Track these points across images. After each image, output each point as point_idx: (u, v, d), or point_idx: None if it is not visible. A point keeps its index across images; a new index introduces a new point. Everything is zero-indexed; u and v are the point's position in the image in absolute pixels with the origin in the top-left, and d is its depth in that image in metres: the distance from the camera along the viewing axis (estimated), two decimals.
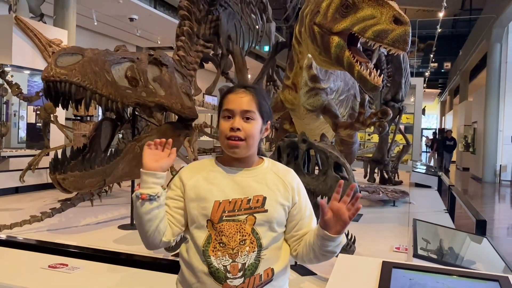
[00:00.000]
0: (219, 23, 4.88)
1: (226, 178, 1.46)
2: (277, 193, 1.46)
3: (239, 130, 1.43)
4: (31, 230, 3.60)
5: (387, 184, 6.89)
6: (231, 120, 1.45)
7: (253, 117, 1.46)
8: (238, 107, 1.45)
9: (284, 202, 1.46)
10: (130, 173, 3.41)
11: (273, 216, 1.43)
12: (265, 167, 1.52)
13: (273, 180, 1.48)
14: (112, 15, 12.35)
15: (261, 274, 1.40)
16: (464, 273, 1.87)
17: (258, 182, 1.46)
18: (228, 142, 1.43)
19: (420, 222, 3.09)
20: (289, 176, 1.53)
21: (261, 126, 1.49)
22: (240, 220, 1.40)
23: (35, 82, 8.16)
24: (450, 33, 26.45)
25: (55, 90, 2.74)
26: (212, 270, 1.38)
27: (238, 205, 1.41)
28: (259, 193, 1.44)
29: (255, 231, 1.41)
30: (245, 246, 1.39)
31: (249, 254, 1.39)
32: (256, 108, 1.46)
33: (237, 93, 1.48)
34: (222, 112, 1.47)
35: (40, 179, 5.68)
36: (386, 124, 3.01)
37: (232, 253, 1.38)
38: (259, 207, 1.42)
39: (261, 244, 1.40)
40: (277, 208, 1.44)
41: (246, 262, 1.38)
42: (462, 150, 21.45)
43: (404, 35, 2.31)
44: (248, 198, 1.42)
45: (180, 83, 3.63)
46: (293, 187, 1.51)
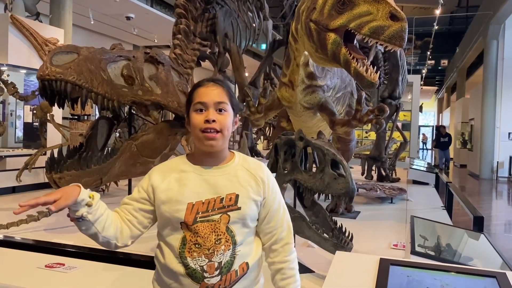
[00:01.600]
0: (215, 21, 4.87)
1: (197, 178, 1.45)
2: (249, 189, 1.46)
3: (214, 122, 1.42)
4: (28, 230, 3.59)
5: (385, 181, 6.89)
6: (204, 113, 1.44)
7: (226, 109, 1.46)
8: (211, 99, 1.44)
9: (256, 198, 1.47)
10: (126, 171, 3.40)
11: (246, 213, 1.44)
12: (236, 164, 1.51)
13: (245, 177, 1.48)
14: (108, 13, 12.31)
15: (236, 270, 1.42)
16: (461, 269, 1.87)
17: (229, 180, 1.46)
18: (205, 135, 1.42)
19: (417, 219, 3.09)
20: (260, 170, 1.53)
21: (233, 118, 1.50)
22: (214, 220, 1.41)
23: (31, 81, 8.14)
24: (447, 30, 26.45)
25: (50, 89, 2.73)
26: (189, 271, 1.39)
27: (212, 205, 1.41)
28: (231, 191, 1.44)
29: (229, 229, 1.42)
30: (220, 245, 1.40)
31: (224, 253, 1.40)
32: (228, 100, 1.47)
33: (207, 86, 1.48)
34: (194, 106, 1.46)
35: (36, 178, 5.66)
36: (383, 121, 3.00)
37: (208, 253, 1.39)
38: (232, 205, 1.42)
39: (235, 241, 1.42)
40: (250, 205, 1.45)
41: (222, 261, 1.40)
42: (459, 147, 21.50)
43: (400, 32, 2.31)
44: (221, 197, 1.43)
45: (176, 81, 3.62)
46: (264, 181, 1.51)
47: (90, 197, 1.38)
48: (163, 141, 3.49)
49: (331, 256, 2.51)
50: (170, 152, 3.68)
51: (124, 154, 3.26)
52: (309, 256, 3.02)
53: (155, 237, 1.50)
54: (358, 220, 4.35)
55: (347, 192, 2.36)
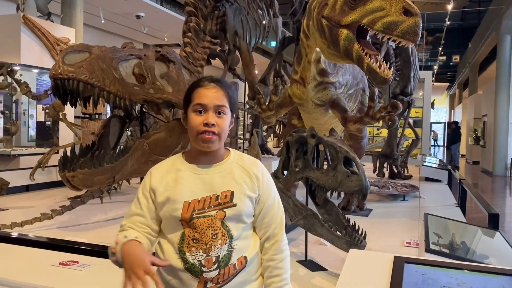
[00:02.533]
0: (225, 19, 4.86)
1: (193, 177, 1.47)
2: (244, 186, 1.48)
3: (213, 126, 1.43)
4: (41, 228, 3.63)
5: (397, 179, 6.84)
6: (203, 114, 1.44)
7: (225, 112, 1.47)
8: (211, 102, 1.44)
9: (251, 194, 1.49)
10: (139, 170, 3.42)
11: (242, 209, 1.46)
12: (231, 161, 1.52)
13: (240, 174, 1.50)
14: (119, 13, 12.38)
15: (234, 264, 1.44)
16: (477, 267, 1.84)
17: (224, 177, 1.48)
18: (202, 136, 1.43)
19: (431, 217, 3.06)
20: (254, 167, 1.54)
21: (230, 120, 1.51)
22: (211, 215, 1.43)
23: (43, 80, 8.22)
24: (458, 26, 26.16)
25: (63, 87, 2.75)
26: (187, 266, 1.42)
27: (208, 203, 1.43)
28: (227, 188, 1.46)
29: (224, 224, 1.44)
30: (217, 240, 1.42)
31: (221, 247, 1.42)
32: (228, 103, 1.48)
33: (208, 87, 1.47)
34: (193, 106, 1.46)
35: (50, 177, 5.72)
36: (396, 118, 2.97)
37: (206, 248, 1.41)
38: (227, 202, 1.45)
39: (231, 235, 1.44)
40: (245, 201, 1.47)
41: (220, 255, 1.42)
42: (472, 144, 21.25)
43: (414, 27, 2.27)
44: (217, 195, 1.45)
45: (187, 80, 3.62)
46: (258, 177, 1.52)
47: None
48: (174, 139, 3.49)
49: (343, 254, 2.50)
50: (181, 150, 3.67)
51: (136, 152, 3.27)
52: (321, 254, 3.01)
53: None
54: (371, 217, 4.32)
55: (360, 190, 2.34)
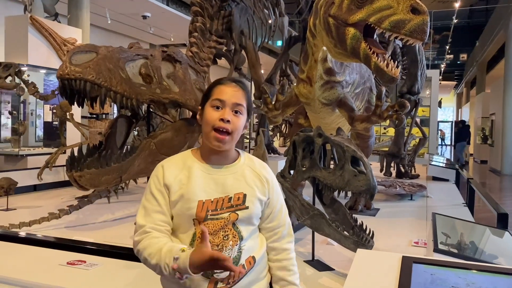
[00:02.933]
0: (231, 19, 4.86)
1: (206, 177, 1.46)
2: (255, 189, 1.50)
3: (228, 122, 1.43)
4: (49, 227, 3.65)
5: (404, 178, 6.81)
6: (220, 110, 1.45)
7: (242, 112, 1.48)
8: (229, 99, 1.45)
9: (262, 197, 1.51)
10: (145, 169, 3.42)
11: (253, 212, 1.48)
12: (242, 163, 1.53)
13: (251, 176, 1.51)
14: (125, 13, 12.43)
15: (243, 264, 1.45)
16: (487, 267, 1.83)
17: (237, 180, 1.49)
18: (215, 134, 1.43)
19: (439, 216, 3.04)
20: (265, 170, 1.57)
21: (245, 122, 1.51)
22: (223, 218, 1.43)
23: (50, 81, 8.27)
24: (466, 24, 25.96)
25: (70, 88, 2.75)
26: None
27: (220, 204, 1.44)
28: (239, 190, 1.47)
29: (235, 226, 1.45)
30: (228, 241, 1.43)
31: (232, 248, 1.43)
32: (245, 103, 1.49)
33: (229, 85, 1.48)
34: (212, 101, 1.46)
35: (57, 176, 5.75)
36: (403, 117, 2.95)
37: (217, 249, 1.41)
38: (240, 204, 1.46)
39: (242, 237, 1.46)
40: (256, 204, 1.49)
41: (231, 256, 1.42)
42: (479, 143, 21.10)
43: (422, 25, 2.25)
44: (229, 196, 1.45)
45: (193, 79, 3.62)
46: (268, 181, 1.55)
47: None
48: (181, 139, 3.50)
49: (350, 254, 2.49)
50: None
51: (143, 152, 3.27)
52: (328, 254, 3.00)
53: None
54: (378, 217, 4.30)
55: (368, 189, 2.33)
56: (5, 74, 5.04)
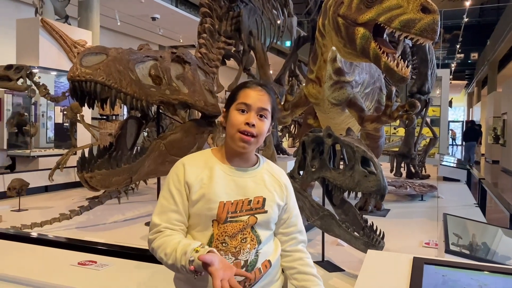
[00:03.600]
0: (240, 20, 4.86)
1: (227, 179, 1.47)
2: (274, 194, 1.51)
3: (253, 127, 1.44)
4: (60, 228, 3.68)
5: (414, 178, 6.76)
6: (245, 114, 1.45)
7: (267, 116, 1.49)
8: (255, 103, 1.46)
9: (280, 203, 1.53)
10: (155, 170, 3.44)
11: (271, 216, 1.50)
12: (261, 167, 1.55)
13: (270, 181, 1.53)
14: (134, 15, 12.50)
15: (260, 268, 1.46)
16: (499, 269, 1.81)
17: (257, 183, 1.50)
18: (241, 136, 1.44)
19: (450, 217, 3.01)
20: (283, 176, 1.59)
21: (269, 126, 1.52)
22: (243, 221, 1.44)
23: (61, 82, 8.34)
24: (477, 23, 25.70)
25: (80, 89, 2.77)
26: None
27: (240, 206, 1.45)
28: (259, 194, 1.48)
29: (254, 230, 1.47)
30: (246, 244, 1.44)
31: (250, 251, 1.44)
32: (270, 108, 1.50)
33: (255, 89, 1.48)
34: (237, 105, 1.47)
35: (68, 177, 5.80)
36: (413, 117, 2.93)
37: (235, 252, 1.42)
38: (259, 208, 1.47)
39: (260, 241, 1.47)
40: (274, 208, 1.50)
41: (248, 259, 1.44)
42: (491, 143, 20.86)
43: (432, 24, 2.24)
44: (249, 199, 1.46)
45: (203, 80, 3.63)
46: (287, 187, 1.57)
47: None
48: (191, 140, 3.50)
49: (361, 255, 2.48)
50: (197, 151, 3.70)
51: (153, 153, 3.29)
52: (338, 255, 2.99)
53: None
54: (388, 218, 4.28)
55: (378, 190, 2.32)
56: (17, 76, 5.09)
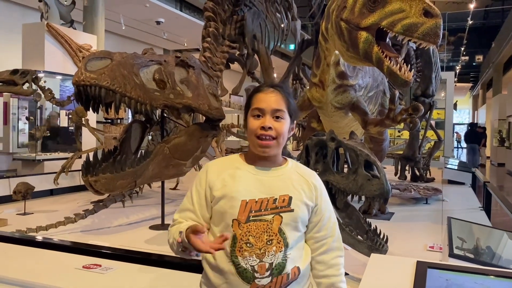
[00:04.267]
0: (244, 23, 4.88)
1: (251, 177, 1.46)
2: (302, 193, 1.47)
3: (270, 129, 1.43)
4: (65, 231, 3.69)
5: (419, 182, 6.74)
6: (261, 118, 1.45)
7: (283, 116, 1.46)
8: (268, 106, 1.45)
9: (308, 202, 1.48)
10: (160, 174, 3.45)
11: (298, 215, 1.44)
12: (289, 167, 1.52)
13: (298, 180, 1.49)
14: (139, 19, 12.56)
15: (288, 273, 1.41)
16: (503, 273, 1.80)
17: (283, 182, 1.47)
18: (259, 141, 1.43)
19: (454, 220, 3.00)
20: (313, 177, 1.55)
21: (289, 125, 1.50)
22: (267, 220, 1.41)
23: (66, 86, 8.39)
24: (481, 25, 25.63)
25: (85, 94, 2.79)
26: (239, 270, 1.39)
27: (265, 205, 1.41)
28: (285, 192, 1.44)
29: (282, 231, 1.42)
30: (272, 246, 1.39)
31: (276, 254, 1.40)
32: (286, 107, 1.48)
33: (266, 92, 1.48)
34: (252, 111, 1.47)
35: (73, 181, 5.83)
36: (417, 120, 2.93)
37: (259, 253, 1.38)
38: (285, 206, 1.43)
39: (287, 244, 1.42)
40: (302, 208, 1.45)
41: (274, 262, 1.39)
42: (496, 145, 20.75)
43: (435, 28, 2.24)
44: (274, 198, 1.43)
45: (207, 84, 3.64)
46: (317, 187, 1.52)
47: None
48: (195, 143, 3.52)
49: (365, 258, 2.47)
50: (201, 154, 3.71)
51: (157, 157, 3.30)
52: None
53: None
54: (392, 221, 4.26)
55: (381, 194, 2.32)
56: (23, 81, 5.12)
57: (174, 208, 4.80)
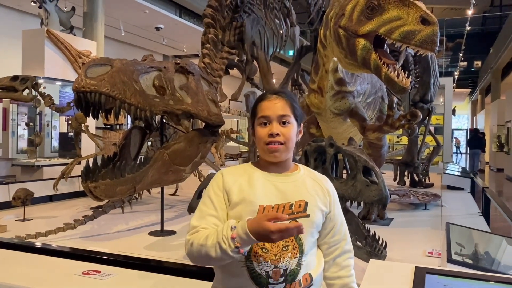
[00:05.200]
0: (243, 30, 4.90)
1: (267, 183, 1.45)
2: (316, 198, 1.47)
3: (278, 136, 1.43)
4: (65, 238, 3.70)
5: (418, 187, 6.75)
6: (268, 126, 1.45)
7: (289, 121, 1.47)
8: (274, 113, 1.45)
9: (323, 208, 1.47)
10: (159, 180, 3.46)
11: (314, 221, 1.44)
12: (302, 173, 1.52)
13: (312, 185, 1.49)
14: (138, 25, 12.61)
15: (300, 280, 1.41)
16: (502, 279, 1.80)
17: (298, 187, 1.46)
18: (268, 147, 1.44)
19: (453, 226, 3.01)
20: (327, 182, 1.55)
21: (296, 129, 1.50)
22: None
23: (66, 92, 8.42)
24: (480, 31, 25.75)
25: (85, 100, 2.80)
26: (254, 276, 1.38)
27: (281, 211, 1.41)
28: (301, 198, 1.44)
29: (298, 237, 1.41)
30: (287, 252, 1.39)
31: (291, 260, 1.39)
32: (291, 112, 1.48)
33: (270, 99, 1.48)
34: (258, 120, 1.48)
35: (72, 187, 5.83)
36: (415, 126, 2.94)
37: (274, 259, 1.38)
38: (301, 212, 1.42)
39: (303, 250, 1.42)
40: (317, 213, 1.45)
41: (288, 268, 1.39)
42: (495, 151, 20.78)
43: (432, 35, 2.26)
44: (290, 203, 1.42)
45: (206, 90, 3.66)
46: (330, 193, 1.52)
47: None
48: (194, 149, 3.53)
49: (364, 264, 2.48)
50: (201, 160, 3.72)
51: (156, 163, 3.31)
52: None
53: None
54: (391, 227, 4.27)
55: (380, 199, 2.33)
56: (23, 87, 5.14)
57: (173, 214, 4.80)
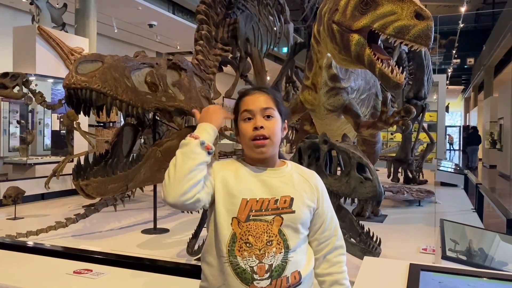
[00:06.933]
0: (237, 26, 4.87)
1: (253, 177, 1.44)
2: (303, 194, 1.45)
3: (262, 128, 1.42)
4: (56, 236, 3.66)
5: (412, 184, 6.77)
6: (251, 121, 1.45)
7: (273, 114, 1.46)
8: (257, 106, 1.45)
9: (310, 204, 1.46)
10: (152, 177, 3.42)
11: (300, 217, 1.42)
12: (289, 169, 1.51)
13: (299, 181, 1.48)
14: (131, 22, 12.53)
15: (288, 277, 1.38)
16: (496, 275, 1.80)
17: (284, 183, 1.45)
18: (254, 142, 1.43)
19: (447, 222, 3.01)
20: (314, 178, 1.54)
21: (281, 124, 1.49)
22: (267, 221, 1.39)
23: (58, 90, 8.35)
24: (473, 28, 25.87)
25: (76, 97, 2.76)
26: (238, 271, 1.36)
27: (265, 205, 1.40)
28: (287, 193, 1.43)
29: (282, 232, 1.39)
30: (272, 247, 1.37)
31: (275, 255, 1.37)
32: (274, 105, 1.48)
33: (252, 94, 1.49)
34: (242, 115, 1.47)
35: (64, 185, 5.79)
36: (409, 122, 2.93)
37: (259, 254, 1.36)
38: (286, 207, 1.41)
39: (288, 246, 1.39)
40: (303, 209, 1.44)
41: (273, 263, 1.37)
42: (488, 147, 20.92)
43: (426, 30, 2.25)
44: (276, 199, 1.41)
45: (199, 87, 3.63)
46: (318, 189, 1.51)
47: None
48: None
49: (358, 261, 2.47)
50: None
51: (149, 160, 3.28)
52: None
53: (179, 242, 1.49)
54: (386, 223, 4.27)
55: (374, 196, 2.32)
56: (13, 84, 5.08)
57: (166, 212, 4.78)
